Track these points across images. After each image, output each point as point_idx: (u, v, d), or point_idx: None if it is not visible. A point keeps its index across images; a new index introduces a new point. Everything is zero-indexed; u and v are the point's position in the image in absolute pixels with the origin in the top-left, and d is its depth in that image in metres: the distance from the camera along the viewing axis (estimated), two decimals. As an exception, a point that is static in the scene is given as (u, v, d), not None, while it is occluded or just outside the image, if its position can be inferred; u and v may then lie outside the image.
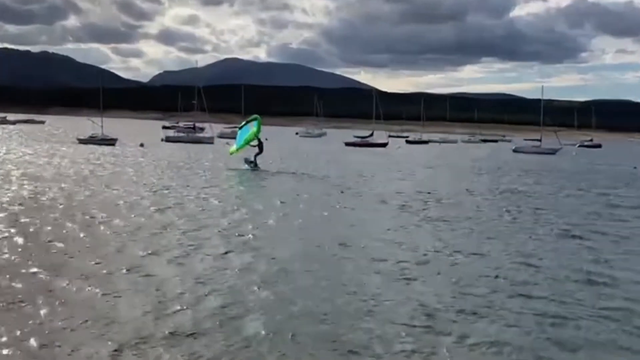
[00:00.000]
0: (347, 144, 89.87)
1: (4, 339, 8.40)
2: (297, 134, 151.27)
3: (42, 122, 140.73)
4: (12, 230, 15.49)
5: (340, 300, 10.54)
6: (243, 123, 40.92)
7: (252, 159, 38.56)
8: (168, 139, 78.07)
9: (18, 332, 8.60)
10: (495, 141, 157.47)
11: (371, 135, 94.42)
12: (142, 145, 63.25)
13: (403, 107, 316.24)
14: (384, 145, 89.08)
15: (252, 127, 39.54)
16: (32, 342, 8.31)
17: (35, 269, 11.78)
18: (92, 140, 63.88)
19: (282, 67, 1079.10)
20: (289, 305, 10.14)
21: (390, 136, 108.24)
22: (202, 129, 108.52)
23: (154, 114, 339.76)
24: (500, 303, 10.77)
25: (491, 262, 14.00)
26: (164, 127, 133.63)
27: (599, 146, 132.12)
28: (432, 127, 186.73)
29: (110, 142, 63.33)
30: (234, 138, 43.89)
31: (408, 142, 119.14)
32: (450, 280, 12.19)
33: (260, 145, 39.15)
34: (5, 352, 7.98)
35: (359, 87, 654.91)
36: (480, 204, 24.80)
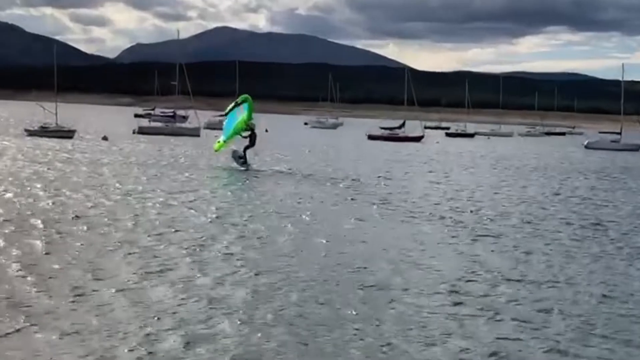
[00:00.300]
0: (371, 137, 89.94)
1: None
2: (306, 124, 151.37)
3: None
4: None
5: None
6: (230, 107, 40.76)
7: (242, 153, 38.75)
8: (141, 131, 78.25)
9: None
10: (562, 134, 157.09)
11: (402, 126, 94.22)
12: (105, 138, 63.41)
13: (442, 91, 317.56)
14: (418, 139, 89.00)
15: (242, 113, 39.39)
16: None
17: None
18: (43, 132, 64.01)
19: (288, 38, 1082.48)
20: None
21: (426, 127, 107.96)
22: (184, 118, 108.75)
23: (123, 98, 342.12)
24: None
25: (566, 293, 13.81)
26: (137, 116, 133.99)
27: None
28: (479, 116, 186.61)
29: (67, 134, 63.46)
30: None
31: (449, 134, 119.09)
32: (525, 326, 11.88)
33: (252, 136, 39.15)
34: None
35: (386, 64, 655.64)
36: (541, 219, 24.53)
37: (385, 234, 20.20)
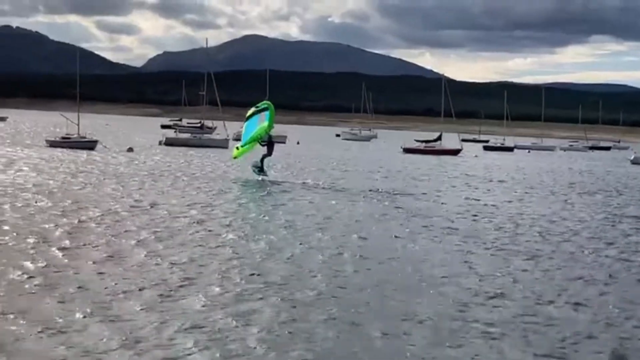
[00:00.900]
0: (407, 150, 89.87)
1: None
2: (338, 135, 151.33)
3: (3, 119, 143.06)
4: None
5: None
6: (251, 111, 41.25)
7: (259, 162, 39.35)
8: (168, 142, 78.46)
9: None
10: (607, 148, 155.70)
11: (438, 138, 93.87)
12: (130, 149, 63.64)
13: (481, 102, 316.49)
14: (455, 152, 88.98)
15: (263, 121, 39.72)
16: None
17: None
18: (65, 143, 64.42)
19: (320, 47, 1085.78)
20: None
21: (463, 140, 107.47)
22: (212, 129, 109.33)
23: (149, 108, 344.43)
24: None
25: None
26: (163, 127, 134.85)
27: None
28: (519, 129, 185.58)
29: (89, 145, 63.82)
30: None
31: (487, 148, 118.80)
32: None
33: (270, 145, 39.47)
34: None
35: (422, 74, 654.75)
36: (585, 242, 24.04)
37: (423, 252, 20.03)
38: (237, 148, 41.51)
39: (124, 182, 35.23)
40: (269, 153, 39.48)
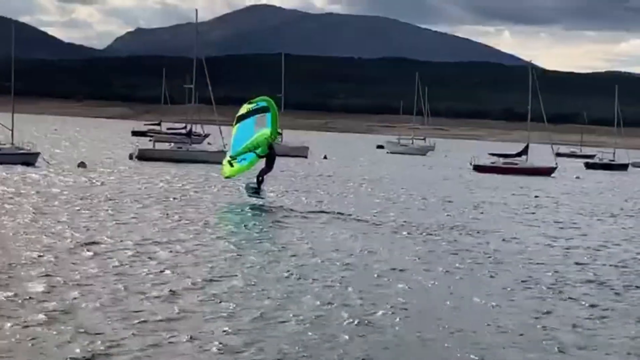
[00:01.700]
0: (478, 169, 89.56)
1: None
2: (380, 147, 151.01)
3: None
4: None
5: None
6: (243, 110, 42.93)
7: (255, 181, 40.98)
8: (142, 156, 77.86)
9: None
10: None
11: (523, 152, 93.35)
12: (82, 165, 63.53)
13: (583, 100, 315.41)
14: (547, 171, 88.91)
15: (263, 125, 41.08)
16: None
17: None
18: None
19: (354, 22, 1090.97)
20: None
21: (558, 155, 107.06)
22: (202, 137, 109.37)
23: (116, 107, 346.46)
24: None
25: None
26: (135, 133, 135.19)
27: None
28: (635, 139, 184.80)
29: (26, 159, 63.75)
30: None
31: (589, 166, 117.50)
32: None
33: (270, 157, 40.42)
34: None
35: (499, 60, 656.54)
36: None
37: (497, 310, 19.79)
38: (230, 162, 42.26)
39: (60, 213, 35.14)
40: (269, 168, 40.44)
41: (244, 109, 42.70)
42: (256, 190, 40.66)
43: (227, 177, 44.35)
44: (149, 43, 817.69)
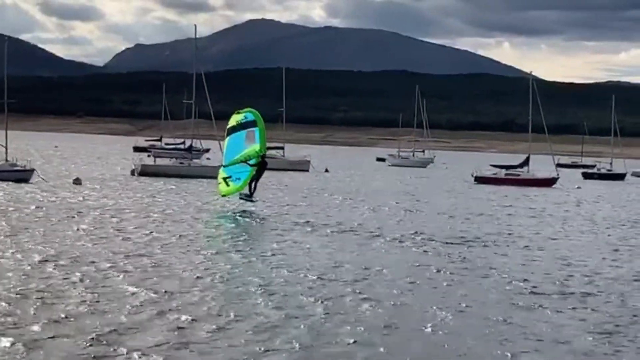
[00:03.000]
0: (479, 180, 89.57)
1: None
2: (381, 160, 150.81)
3: None
4: None
5: None
6: (232, 123, 46.78)
7: (247, 189, 44.92)
8: (145, 171, 77.62)
9: None
10: None
11: (525, 163, 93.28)
12: (77, 181, 63.31)
13: (583, 111, 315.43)
14: (549, 182, 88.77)
15: (252, 140, 44.91)
16: None
17: None
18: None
19: (355, 36, 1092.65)
20: None
21: (559, 166, 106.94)
22: (202, 152, 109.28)
23: (116, 124, 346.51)
24: None
25: None
26: (136, 149, 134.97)
27: None
28: (634, 149, 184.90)
29: (20, 175, 63.82)
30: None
31: (587, 176, 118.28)
32: None
33: (260, 165, 44.86)
34: None
35: (498, 72, 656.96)
36: None
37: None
38: (225, 181, 45.81)
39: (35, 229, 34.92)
40: (259, 173, 45.05)
41: (233, 120, 46.41)
42: (248, 195, 44.93)
43: (224, 195, 46.88)
44: (148, 59, 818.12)
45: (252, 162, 44.54)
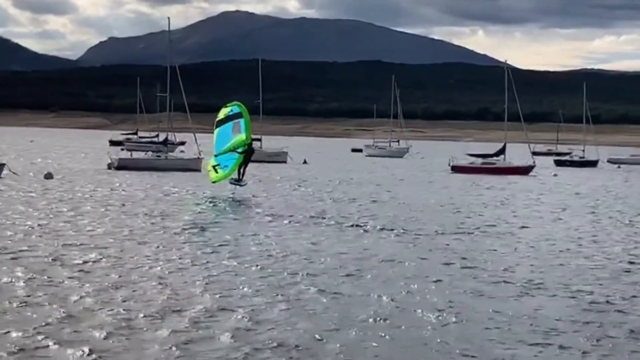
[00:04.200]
0: (456, 169, 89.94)
1: None
2: (357, 150, 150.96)
3: None
4: None
5: None
6: (221, 116, 51.00)
7: (236, 174, 48.51)
8: (122, 165, 77.23)
9: None
10: None
11: (501, 152, 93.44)
12: (49, 176, 63.02)
13: (559, 98, 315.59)
14: (525, 170, 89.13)
15: (238, 131, 48.94)
16: None
17: None
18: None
19: (329, 27, 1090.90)
20: None
21: (535, 154, 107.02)
22: (176, 145, 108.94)
23: (91, 117, 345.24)
24: None
25: None
26: (113, 143, 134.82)
27: None
28: (608, 136, 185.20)
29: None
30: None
31: (559, 163, 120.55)
32: None
33: (248, 152, 48.56)
34: None
35: (473, 61, 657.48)
36: None
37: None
38: (215, 168, 49.47)
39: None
40: (246, 161, 48.97)
41: (222, 113, 51.06)
42: (237, 179, 48.83)
43: (214, 182, 50.33)
44: (122, 52, 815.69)
45: (240, 150, 48.08)
